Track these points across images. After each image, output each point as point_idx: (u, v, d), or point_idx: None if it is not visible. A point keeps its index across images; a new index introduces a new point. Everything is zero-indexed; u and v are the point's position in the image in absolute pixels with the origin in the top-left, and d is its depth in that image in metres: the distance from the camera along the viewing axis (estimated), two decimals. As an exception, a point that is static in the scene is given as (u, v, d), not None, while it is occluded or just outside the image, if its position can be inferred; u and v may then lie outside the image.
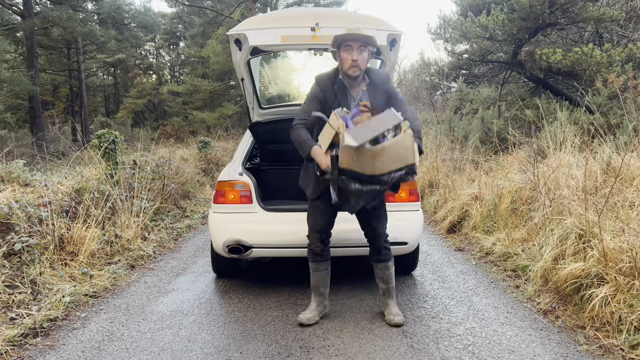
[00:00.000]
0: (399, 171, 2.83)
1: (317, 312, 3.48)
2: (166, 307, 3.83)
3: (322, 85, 3.21)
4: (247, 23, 3.90)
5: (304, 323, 3.39)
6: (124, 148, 8.88)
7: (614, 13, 8.64)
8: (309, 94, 3.26)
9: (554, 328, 3.32)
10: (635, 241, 3.33)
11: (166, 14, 32.87)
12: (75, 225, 4.73)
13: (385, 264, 3.48)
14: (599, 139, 5.90)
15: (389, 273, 3.49)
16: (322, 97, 3.18)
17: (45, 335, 3.30)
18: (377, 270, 3.51)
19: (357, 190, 2.86)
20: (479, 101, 11.93)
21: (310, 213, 3.42)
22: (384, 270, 3.49)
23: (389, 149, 2.74)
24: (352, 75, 3.16)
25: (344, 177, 2.85)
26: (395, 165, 2.79)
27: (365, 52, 3.13)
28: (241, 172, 4.09)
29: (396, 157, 2.78)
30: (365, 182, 2.82)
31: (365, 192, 2.88)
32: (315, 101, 3.20)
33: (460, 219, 6.46)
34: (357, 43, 3.09)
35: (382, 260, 3.48)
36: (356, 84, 3.22)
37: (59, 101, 28.65)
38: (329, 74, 3.26)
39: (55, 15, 18.23)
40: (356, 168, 2.77)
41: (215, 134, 18.74)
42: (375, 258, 3.49)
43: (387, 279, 3.49)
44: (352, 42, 3.09)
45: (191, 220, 7.25)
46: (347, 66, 3.12)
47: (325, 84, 3.21)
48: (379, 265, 3.49)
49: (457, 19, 10.73)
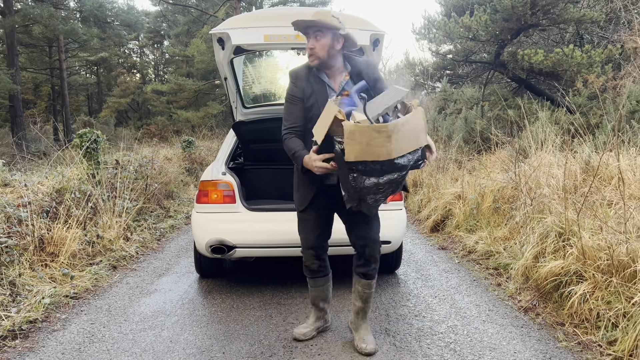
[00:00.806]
0: (415, 153, 2.43)
1: (314, 327, 3.22)
2: (148, 307, 3.80)
3: (296, 81, 2.89)
4: (229, 22, 3.89)
5: (299, 339, 3.15)
6: (106, 147, 8.79)
7: (594, 14, 8.78)
8: (287, 96, 2.93)
9: (534, 325, 3.36)
10: (613, 239, 3.39)
11: (150, 12, 32.60)
12: (55, 225, 4.67)
13: (370, 281, 3.01)
14: (579, 139, 6.00)
15: (370, 292, 3.04)
16: (300, 94, 2.86)
17: (24, 337, 3.25)
18: (359, 286, 3.03)
19: (373, 186, 2.41)
20: (462, 101, 12.03)
21: (300, 228, 3.06)
22: (365, 289, 3.02)
23: (404, 125, 2.32)
24: (311, 65, 2.84)
25: (355, 175, 2.39)
26: (410, 147, 2.39)
27: (324, 38, 2.75)
28: (224, 172, 4.07)
29: (411, 136, 2.37)
30: (382, 172, 2.37)
31: (382, 184, 2.42)
32: (295, 102, 2.87)
33: (443, 218, 6.51)
34: (312, 29, 2.76)
35: (368, 276, 2.99)
36: (334, 73, 2.88)
37: (40, 100, 28.24)
38: (303, 67, 2.94)
39: (37, 13, 17.99)
40: (368, 156, 2.29)
41: (199, 134, 18.64)
42: (361, 272, 3.00)
43: (366, 297, 3.04)
44: (308, 30, 2.78)
45: (174, 221, 7.21)
46: (307, 55, 2.82)
47: (299, 78, 2.88)
48: (362, 281, 3.01)
49: (441, 20, 10.80)
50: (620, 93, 7.67)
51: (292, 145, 2.79)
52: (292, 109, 2.88)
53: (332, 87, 2.86)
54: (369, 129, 2.25)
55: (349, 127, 2.26)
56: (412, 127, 2.37)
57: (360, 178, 2.38)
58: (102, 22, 22.20)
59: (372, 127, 2.25)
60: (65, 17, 20.04)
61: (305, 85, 2.85)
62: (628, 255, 3.20)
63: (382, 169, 2.35)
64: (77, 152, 6.37)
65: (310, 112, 2.82)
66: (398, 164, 2.36)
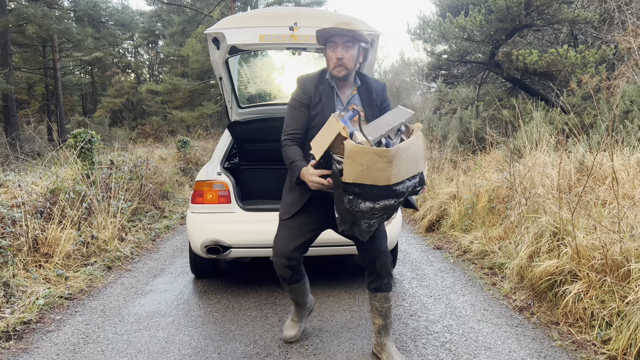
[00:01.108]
0: (413, 179, 2.37)
1: (301, 324, 3.20)
2: (143, 308, 3.79)
3: (305, 87, 2.80)
4: (225, 22, 3.88)
5: (289, 341, 3.14)
6: (101, 148, 8.76)
7: (588, 15, 8.82)
8: (292, 101, 2.82)
9: (529, 324, 3.38)
10: (607, 238, 3.40)
11: (145, 12, 32.54)
12: (50, 226, 4.65)
13: (385, 294, 2.87)
14: (573, 139, 6.02)
15: (388, 306, 2.88)
16: (307, 101, 2.77)
17: (18, 338, 3.24)
18: (374, 301, 2.88)
19: (368, 210, 2.32)
20: (457, 101, 12.07)
21: (278, 235, 2.88)
22: (382, 303, 2.87)
23: (405, 150, 2.23)
24: (337, 76, 2.74)
25: (350, 197, 2.30)
26: (409, 173, 2.32)
27: (353, 49, 2.70)
28: (219, 172, 4.07)
29: (411, 161, 2.31)
30: (379, 196, 2.28)
31: (378, 209, 2.33)
32: (300, 109, 2.78)
33: (438, 218, 6.53)
34: (343, 39, 2.67)
35: (383, 289, 2.85)
36: (345, 85, 2.82)
37: (34, 100, 28.12)
38: (314, 74, 2.86)
39: (30, 13, 17.89)
40: (367, 180, 2.21)
41: (194, 134, 18.62)
42: (374, 287, 2.86)
43: (385, 312, 2.89)
44: (337, 38, 2.68)
45: (169, 221, 7.19)
46: (332, 65, 2.72)
47: (308, 85, 2.80)
48: (377, 295, 2.87)
49: (436, 20, 10.83)
50: (614, 93, 7.71)
51: (291, 154, 2.71)
52: (296, 114, 2.79)
53: (340, 98, 2.80)
54: (371, 152, 2.16)
55: (351, 146, 2.17)
56: (413, 152, 2.31)
57: (356, 201, 2.30)
58: (96, 21, 22.13)
59: (374, 150, 2.16)
60: (59, 16, 19.96)
61: (313, 93, 2.77)
62: (622, 255, 3.22)
63: (380, 193, 2.27)
64: (72, 152, 6.35)
65: (314, 121, 2.74)
66: (396, 190, 2.28)
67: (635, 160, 4.93)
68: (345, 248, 3.77)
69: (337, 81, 2.80)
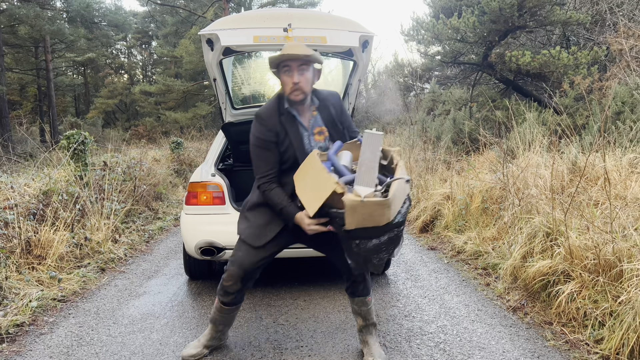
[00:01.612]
0: (404, 204, 2.44)
1: (206, 346, 2.99)
2: (137, 310, 3.77)
3: (268, 124, 2.63)
4: (219, 23, 3.88)
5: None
6: (94, 149, 8.72)
7: (580, 17, 8.88)
8: (257, 141, 2.65)
9: (522, 324, 3.39)
10: (599, 239, 3.43)
11: (138, 12, 32.43)
12: (43, 228, 4.62)
13: (362, 298, 2.89)
14: (566, 140, 6.06)
15: (367, 309, 2.91)
16: (274, 138, 2.62)
17: (11, 341, 3.22)
18: (354, 305, 2.94)
19: (375, 247, 2.37)
20: (451, 102, 12.11)
21: (240, 248, 2.76)
22: (361, 306, 2.91)
23: (397, 190, 2.29)
24: (295, 100, 2.61)
25: (357, 241, 2.34)
26: (401, 202, 2.39)
27: (307, 72, 2.59)
28: (214, 173, 4.06)
29: (401, 192, 2.37)
30: (382, 232, 2.33)
31: (384, 243, 2.37)
32: (269, 148, 2.64)
33: (432, 219, 6.54)
34: (296, 62, 2.55)
35: (359, 294, 2.88)
36: (304, 109, 2.69)
37: (26, 101, 27.94)
38: (271, 105, 2.69)
39: (22, 13, 17.78)
40: (369, 224, 2.27)
41: (188, 135, 18.57)
42: (351, 291, 2.90)
43: (364, 314, 2.91)
44: (291, 62, 2.56)
45: (163, 222, 7.16)
46: (289, 90, 2.58)
47: (270, 121, 2.63)
48: (355, 299, 2.91)
49: (429, 21, 10.87)
50: (606, 94, 7.77)
51: (277, 200, 2.61)
52: (266, 155, 2.65)
53: (304, 125, 2.68)
54: (372, 204, 2.21)
55: (352, 203, 2.20)
56: (401, 185, 2.35)
57: (362, 242, 2.35)
58: (89, 22, 22.03)
59: (375, 202, 2.21)
60: (52, 17, 19.86)
61: (278, 128, 2.64)
62: (614, 255, 3.24)
63: (382, 229, 2.31)
64: (65, 153, 6.32)
65: (285, 155, 2.66)
66: (395, 222, 2.34)
67: (627, 161, 4.97)
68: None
69: (296, 106, 2.67)
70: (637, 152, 5.14)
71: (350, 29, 3.81)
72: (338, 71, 5.14)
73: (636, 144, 5.52)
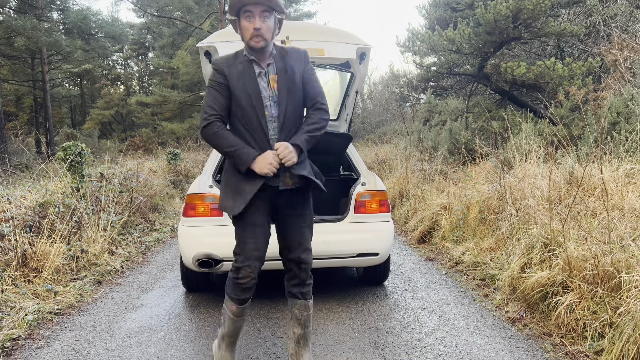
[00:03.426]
0: None
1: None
2: (134, 323, 3.74)
3: (221, 67, 2.61)
4: (217, 35, 3.89)
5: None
6: (90, 160, 8.70)
7: (575, 28, 8.97)
8: (210, 82, 2.64)
9: (521, 336, 3.38)
10: (598, 249, 3.43)
11: (134, 24, 32.58)
12: (39, 240, 4.59)
13: (305, 302, 2.76)
14: (562, 150, 6.09)
15: (308, 315, 2.77)
16: (225, 80, 2.59)
17: (7, 355, 3.18)
18: (295, 309, 2.75)
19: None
20: (447, 113, 12.16)
21: (240, 236, 2.64)
22: (302, 311, 2.75)
23: None
24: (255, 47, 2.54)
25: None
26: None
27: (269, 20, 2.53)
28: (211, 185, 4.05)
29: None
30: None
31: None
32: (218, 89, 2.59)
33: (430, 229, 6.54)
34: (259, 8, 2.48)
35: (305, 296, 2.76)
36: (263, 58, 2.61)
37: (22, 112, 27.93)
38: (228, 55, 2.68)
39: (19, 25, 17.81)
40: None
41: (185, 145, 18.55)
42: (298, 291, 2.75)
43: (305, 321, 2.77)
44: (253, 7, 2.48)
45: (160, 234, 7.13)
46: (249, 36, 2.51)
47: (224, 65, 2.61)
48: (298, 302, 2.75)
49: (425, 32, 10.95)
50: (601, 105, 7.81)
51: (232, 141, 2.55)
52: (214, 94, 2.60)
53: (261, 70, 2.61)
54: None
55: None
56: None
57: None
58: (85, 34, 22.06)
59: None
60: (49, 29, 19.90)
61: (230, 72, 2.59)
62: (613, 266, 3.24)
63: None
64: (61, 165, 6.30)
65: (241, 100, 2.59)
66: None
67: (623, 171, 4.99)
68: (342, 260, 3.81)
69: (256, 54, 2.60)
70: (633, 163, 5.16)
71: (348, 41, 3.83)
72: (335, 83, 5.16)
73: (632, 154, 5.54)
